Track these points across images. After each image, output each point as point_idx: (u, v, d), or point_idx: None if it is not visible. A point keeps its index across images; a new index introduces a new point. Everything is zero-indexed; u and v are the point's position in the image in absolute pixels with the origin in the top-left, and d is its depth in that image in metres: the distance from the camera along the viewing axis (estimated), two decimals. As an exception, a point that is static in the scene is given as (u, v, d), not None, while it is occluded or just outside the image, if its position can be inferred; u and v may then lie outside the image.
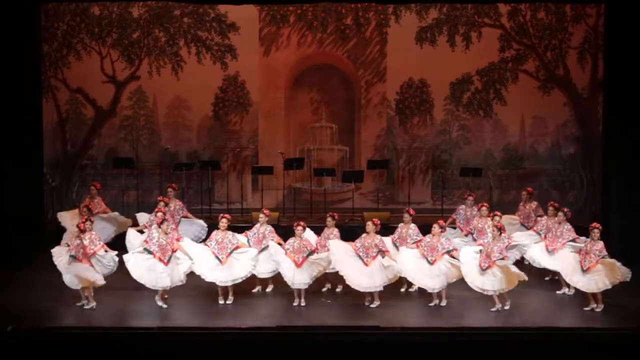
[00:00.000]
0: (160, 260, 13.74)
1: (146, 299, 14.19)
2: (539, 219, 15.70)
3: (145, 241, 14.19)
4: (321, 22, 19.45)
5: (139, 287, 14.26)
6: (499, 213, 15.24)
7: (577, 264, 13.96)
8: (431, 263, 13.92)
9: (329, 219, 14.66)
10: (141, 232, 15.17)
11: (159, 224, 14.07)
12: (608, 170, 17.94)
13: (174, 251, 13.89)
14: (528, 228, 15.79)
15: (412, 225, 14.73)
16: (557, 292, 14.87)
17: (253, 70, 19.52)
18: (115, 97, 19.41)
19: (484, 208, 15.42)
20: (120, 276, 14.49)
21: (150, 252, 13.83)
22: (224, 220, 14.27)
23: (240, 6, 18.39)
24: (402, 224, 14.87)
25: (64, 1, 18.95)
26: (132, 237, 15.01)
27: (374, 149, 19.72)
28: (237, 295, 14.26)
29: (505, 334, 12.76)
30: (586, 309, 13.86)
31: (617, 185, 17.36)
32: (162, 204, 15.31)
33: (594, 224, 14.07)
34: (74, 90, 19.33)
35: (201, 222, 16.25)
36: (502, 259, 13.67)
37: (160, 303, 13.86)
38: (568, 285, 14.57)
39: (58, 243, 15.14)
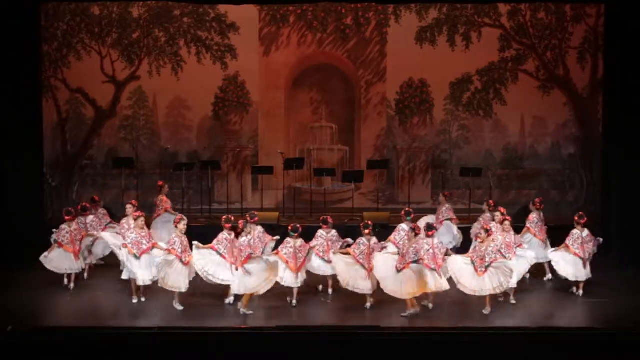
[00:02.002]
0: (233, 263, 13.59)
1: (146, 299, 14.19)
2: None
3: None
4: (321, 22, 19.45)
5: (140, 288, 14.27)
6: (502, 209, 15.19)
7: (573, 257, 14.34)
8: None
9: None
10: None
11: (236, 226, 13.79)
12: (608, 170, 17.95)
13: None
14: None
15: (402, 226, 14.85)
16: (545, 279, 15.35)
17: (253, 70, 19.52)
18: (115, 97, 19.42)
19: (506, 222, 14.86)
20: (120, 276, 14.48)
21: (219, 254, 13.70)
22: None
23: (240, 6, 18.40)
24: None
25: (64, 1, 18.96)
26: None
27: (374, 149, 19.72)
28: (236, 295, 14.25)
29: (505, 334, 12.76)
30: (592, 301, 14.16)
31: (617, 185, 17.36)
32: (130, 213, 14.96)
33: (580, 213, 14.59)
34: (74, 90, 19.33)
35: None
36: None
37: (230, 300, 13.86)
38: (552, 272, 15.03)
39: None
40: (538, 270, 15.41)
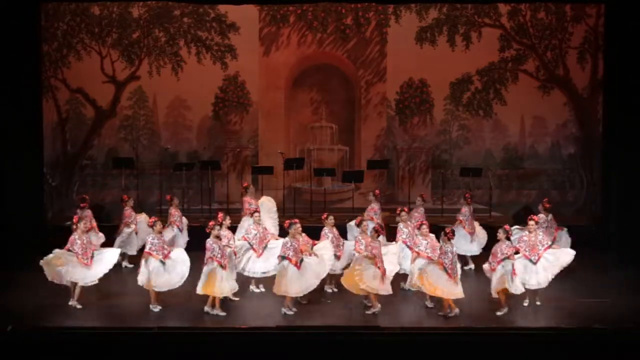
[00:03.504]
0: (296, 265, 13.45)
1: (145, 299, 14.18)
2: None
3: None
4: (321, 22, 19.46)
5: (139, 288, 14.26)
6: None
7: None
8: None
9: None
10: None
11: (288, 226, 13.71)
12: (608, 170, 17.95)
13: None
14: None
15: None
16: (465, 268, 15.58)
17: (253, 70, 19.53)
18: (115, 97, 19.43)
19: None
20: (120, 277, 14.50)
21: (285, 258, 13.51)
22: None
23: (240, 6, 18.41)
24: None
25: (64, 1, 18.97)
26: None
27: (374, 149, 19.73)
28: (236, 295, 14.25)
29: (505, 334, 12.76)
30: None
31: (617, 185, 17.36)
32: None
33: (546, 199, 15.42)
34: (74, 90, 19.35)
35: None
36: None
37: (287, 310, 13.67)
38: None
39: (57, 243, 15.17)
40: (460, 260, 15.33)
